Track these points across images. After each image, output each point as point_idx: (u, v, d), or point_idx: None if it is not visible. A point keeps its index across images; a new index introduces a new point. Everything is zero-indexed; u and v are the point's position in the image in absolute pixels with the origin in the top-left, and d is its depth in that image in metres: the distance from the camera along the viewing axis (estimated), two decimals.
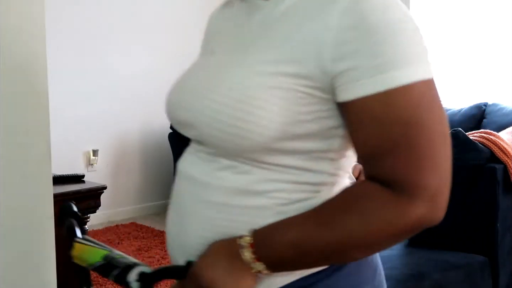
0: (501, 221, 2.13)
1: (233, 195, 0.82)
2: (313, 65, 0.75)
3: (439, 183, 0.81)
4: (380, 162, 0.76)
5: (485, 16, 3.80)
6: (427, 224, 0.82)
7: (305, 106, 0.77)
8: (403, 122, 0.73)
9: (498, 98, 3.62)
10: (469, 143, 2.14)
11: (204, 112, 0.81)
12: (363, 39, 0.73)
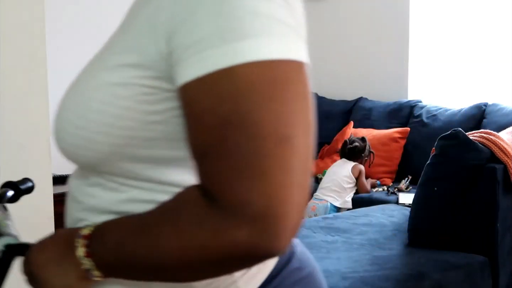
0: (501, 221, 2.13)
1: (90, 214, 0.72)
2: (154, 51, 0.61)
3: (270, 202, 0.55)
4: (200, 166, 0.59)
5: (485, 16, 3.80)
6: (259, 253, 0.57)
7: (153, 104, 0.63)
8: (222, 117, 0.56)
9: (498, 98, 3.62)
10: (469, 143, 2.14)
11: (56, 120, 0.73)
12: (189, 11, 0.58)
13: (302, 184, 0.57)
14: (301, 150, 0.57)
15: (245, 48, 0.55)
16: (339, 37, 4.50)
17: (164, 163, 0.66)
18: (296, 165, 0.56)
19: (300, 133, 0.57)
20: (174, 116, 0.63)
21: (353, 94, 4.30)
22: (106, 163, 0.68)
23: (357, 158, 3.44)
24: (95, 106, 0.64)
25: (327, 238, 2.25)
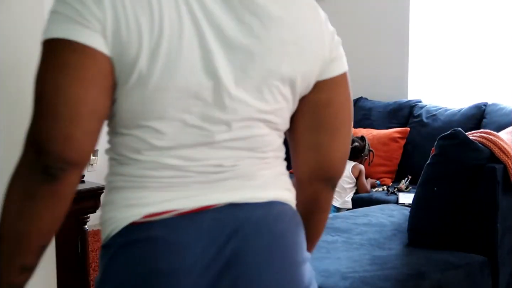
0: (501, 221, 2.13)
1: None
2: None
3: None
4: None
5: (485, 16, 3.80)
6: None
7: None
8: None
9: (498, 98, 3.62)
10: (469, 143, 2.14)
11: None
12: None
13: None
14: (43, 107, 0.80)
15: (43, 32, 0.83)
16: (339, 37, 4.50)
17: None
18: (38, 116, 0.80)
19: (46, 93, 0.80)
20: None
21: (353, 94, 4.27)
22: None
23: (356, 158, 3.45)
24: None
25: (327, 238, 2.25)
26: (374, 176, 3.58)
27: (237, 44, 0.86)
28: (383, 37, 4.23)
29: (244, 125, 0.90)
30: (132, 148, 0.88)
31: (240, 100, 0.88)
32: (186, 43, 0.82)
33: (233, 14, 0.85)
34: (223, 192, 0.90)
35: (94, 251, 3.60)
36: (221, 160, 0.90)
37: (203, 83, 0.85)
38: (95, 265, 3.35)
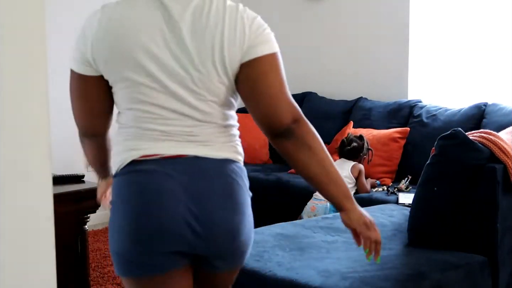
0: (501, 221, 2.13)
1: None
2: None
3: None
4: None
5: (485, 16, 3.80)
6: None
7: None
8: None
9: (498, 98, 3.61)
10: (469, 143, 2.14)
11: None
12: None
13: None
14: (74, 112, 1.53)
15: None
16: (339, 37, 4.50)
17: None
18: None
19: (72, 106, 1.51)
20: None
21: (353, 94, 4.30)
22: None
23: (356, 158, 3.44)
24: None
25: (327, 238, 2.25)
26: (374, 176, 3.58)
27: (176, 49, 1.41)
28: (383, 37, 4.23)
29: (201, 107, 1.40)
30: (133, 118, 1.43)
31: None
32: (145, 57, 1.40)
33: (173, 36, 1.39)
34: (192, 148, 1.40)
35: (94, 251, 3.60)
36: (191, 128, 1.40)
37: (164, 81, 1.41)
38: (95, 265, 3.35)
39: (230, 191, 1.42)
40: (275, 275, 1.89)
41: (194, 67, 1.36)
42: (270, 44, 1.47)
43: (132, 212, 1.38)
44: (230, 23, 1.40)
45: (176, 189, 1.35)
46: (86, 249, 2.58)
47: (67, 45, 4.37)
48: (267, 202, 3.78)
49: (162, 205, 1.35)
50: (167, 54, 1.36)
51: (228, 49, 1.37)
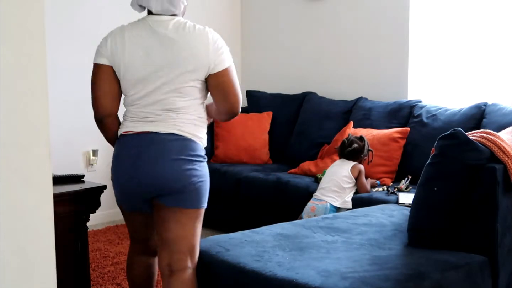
0: (501, 221, 2.13)
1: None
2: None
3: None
4: None
5: (485, 16, 3.80)
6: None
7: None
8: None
9: (498, 98, 3.61)
10: (469, 143, 2.14)
11: None
12: None
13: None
14: (91, 92, 2.25)
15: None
16: (339, 37, 4.50)
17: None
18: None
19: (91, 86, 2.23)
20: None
21: (353, 94, 4.30)
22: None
23: (356, 158, 3.44)
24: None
25: (327, 238, 2.25)
26: (374, 176, 3.58)
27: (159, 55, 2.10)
28: (383, 37, 4.23)
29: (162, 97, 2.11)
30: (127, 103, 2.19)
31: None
32: (136, 59, 2.09)
33: (157, 41, 2.09)
34: (151, 127, 2.10)
35: (94, 251, 3.61)
36: (154, 111, 2.10)
37: (145, 76, 2.10)
38: (95, 265, 3.35)
39: (168, 152, 2.07)
40: (275, 275, 1.89)
41: (165, 70, 2.08)
42: (229, 58, 2.13)
43: (115, 167, 2.26)
44: (201, 39, 2.08)
45: (132, 153, 2.13)
46: (86, 249, 2.58)
47: (67, 45, 4.38)
48: (267, 202, 3.78)
49: (134, 163, 2.12)
50: (154, 60, 2.09)
51: (201, 59, 2.07)
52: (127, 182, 2.14)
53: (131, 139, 2.12)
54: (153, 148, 2.07)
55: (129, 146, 2.12)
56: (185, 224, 2.11)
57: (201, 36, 2.07)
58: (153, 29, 2.09)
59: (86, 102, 4.30)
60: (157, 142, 2.08)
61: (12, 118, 1.15)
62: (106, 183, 2.89)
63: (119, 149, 2.18)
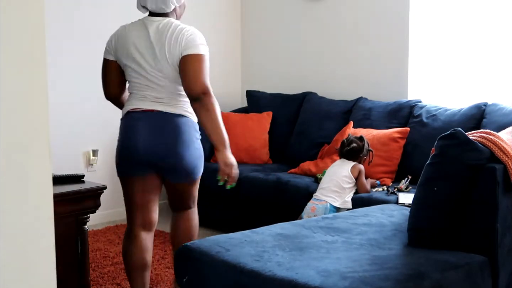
0: (501, 221, 2.13)
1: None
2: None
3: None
4: None
5: (485, 16, 3.80)
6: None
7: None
8: None
9: (498, 98, 3.61)
10: (469, 143, 2.14)
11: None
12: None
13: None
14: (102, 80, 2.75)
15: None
16: (339, 37, 4.50)
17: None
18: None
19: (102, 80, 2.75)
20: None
21: (352, 94, 4.30)
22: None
23: (356, 158, 3.44)
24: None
25: (327, 238, 2.25)
26: (374, 176, 3.58)
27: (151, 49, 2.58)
28: (383, 37, 4.23)
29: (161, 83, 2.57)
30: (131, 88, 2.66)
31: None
32: (135, 54, 2.57)
33: (148, 40, 2.56)
34: (156, 106, 2.55)
35: (94, 251, 3.61)
36: (156, 94, 2.57)
37: (143, 67, 2.57)
38: (95, 265, 3.35)
39: (177, 130, 2.54)
40: (275, 275, 1.89)
41: (156, 59, 2.54)
42: (196, 49, 2.52)
43: (121, 141, 2.62)
44: (178, 35, 2.53)
45: (142, 129, 2.55)
46: (86, 249, 2.58)
47: (67, 45, 4.38)
48: (267, 202, 3.78)
49: (132, 137, 2.56)
50: (144, 52, 2.56)
51: (173, 50, 2.52)
52: (134, 153, 2.56)
53: (138, 115, 2.57)
54: (159, 128, 2.56)
55: (136, 119, 2.57)
56: (189, 189, 2.72)
57: (177, 35, 2.51)
58: (147, 29, 2.58)
59: (86, 102, 4.32)
60: (158, 117, 2.56)
61: (12, 118, 1.15)
62: (106, 183, 2.89)
63: (127, 122, 2.60)
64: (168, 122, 2.54)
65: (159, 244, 3.78)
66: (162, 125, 2.54)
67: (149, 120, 2.54)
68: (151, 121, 2.54)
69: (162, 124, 2.54)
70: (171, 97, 2.56)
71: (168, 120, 2.54)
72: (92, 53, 4.27)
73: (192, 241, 2.42)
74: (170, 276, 3.17)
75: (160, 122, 2.54)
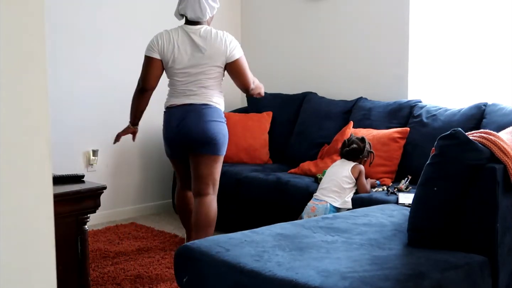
0: (501, 221, 2.13)
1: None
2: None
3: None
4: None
5: (485, 16, 3.80)
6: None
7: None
8: None
9: (498, 98, 3.61)
10: (469, 143, 2.14)
11: None
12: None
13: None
14: (142, 72, 3.29)
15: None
16: (339, 37, 4.50)
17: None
18: (141, 74, 3.30)
19: (142, 69, 3.28)
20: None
21: (352, 94, 4.30)
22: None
23: (356, 158, 3.45)
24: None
25: (327, 238, 2.25)
26: (374, 176, 3.58)
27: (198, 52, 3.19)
28: (383, 37, 4.23)
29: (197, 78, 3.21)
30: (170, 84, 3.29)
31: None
32: (183, 56, 3.16)
33: (194, 45, 3.17)
34: (190, 100, 3.18)
35: (94, 251, 3.61)
36: (192, 88, 3.18)
37: (187, 67, 3.18)
38: (95, 265, 3.35)
39: (208, 113, 3.16)
40: (275, 275, 1.89)
41: (198, 60, 3.15)
42: (239, 52, 3.19)
43: (165, 129, 3.27)
44: (220, 40, 3.15)
45: (177, 120, 3.18)
46: (86, 249, 2.58)
47: (67, 45, 4.38)
48: (267, 202, 3.78)
49: (169, 129, 3.22)
50: (188, 54, 3.15)
51: (218, 52, 3.14)
52: (174, 138, 3.20)
53: (176, 109, 3.19)
54: (192, 114, 3.15)
55: (175, 113, 3.18)
56: (211, 166, 3.21)
57: (220, 40, 3.13)
58: (190, 36, 3.15)
59: (86, 102, 4.32)
60: (195, 110, 3.15)
61: (12, 118, 1.15)
62: (106, 183, 2.90)
63: (168, 116, 3.23)
64: (196, 110, 3.15)
65: (159, 244, 3.78)
66: (191, 113, 3.15)
67: (182, 112, 3.17)
68: (191, 110, 3.16)
69: (191, 112, 3.15)
70: (201, 91, 3.16)
71: (196, 109, 3.15)
72: (92, 53, 4.27)
73: (211, 227, 3.21)
74: (170, 276, 3.17)
75: (198, 109, 3.16)
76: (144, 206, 4.66)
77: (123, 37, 4.39)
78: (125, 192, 4.54)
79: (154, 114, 4.59)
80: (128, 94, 4.48)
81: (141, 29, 4.45)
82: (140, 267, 3.33)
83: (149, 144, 4.64)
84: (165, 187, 4.68)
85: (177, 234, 4.04)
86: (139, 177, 4.63)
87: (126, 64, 4.43)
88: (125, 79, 4.48)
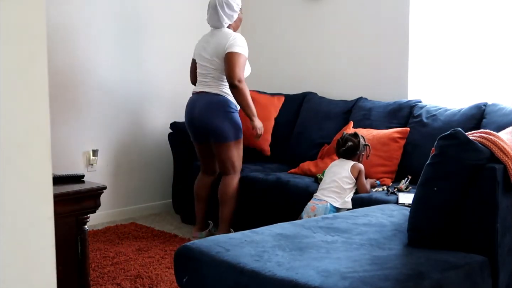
0: (501, 221, 2.13)
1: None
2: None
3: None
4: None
5: (485, 16, 3.80)
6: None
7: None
8: None
9: (498, 98, 3.61)
10: (468, 143, 2.14)
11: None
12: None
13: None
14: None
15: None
16: (339, 37, 4.50)
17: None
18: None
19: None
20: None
21: (352, 94, 4.30)
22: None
23: (354, 155, 3.45)
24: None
25: (327, 238, 2.25)
26: (374, 176, 3.58)
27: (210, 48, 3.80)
28: (383, 37, 4.23)
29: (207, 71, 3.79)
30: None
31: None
32: (202, 54, 3.80)
33: (210, 46, 3.79)
34: (204, 89, 3.76)
35: (94, 251, 3.61)
36: (208, 80, 3.76)
37: (204, 62, 3.80)
38: (95, 265, 3.35)
39: (213, 105, 3.67)
40: (275, 275, 1.89)
41: (212, 56, 3.70)
42: (235, 48, 3.60)
43: (185, 115, 3.81)
44: (225, 38, 3.66)
45: (197, 105, 3.71)
46: (86, 249, 2.58)
47: (67, 45, 4.38)
48: (267, 202, 3.78)
49: (191, 111, 3.75)
50: (207, 52, 3.73)
51: (221, 48, 3.65)
52: (191, 122, 3.76)
53: (194, 96, 3.78)
54: (199, 104, 3.71)
55: (193, 100, 3.77)
56: (225, 151, 3.71)
57: (227, 37, 3.64)
58: (211, 37, 3.75)
59: (86, 102, 4.32)
60: (202, 99, 3.71)
61: (12, 118, 1.15)
62: (106, 183, 2.90)
63: (189, 102, 3.80)
64: (209, 99, 3.68)
65: (159, 244, 3.78)
66: (206, 102, 3.68)
67: (200, 99, 3.71)
68: (201, 99, 3.70)
69: (206, 101, 3.68)
70: (215, 82, 3.69)
71: (209, 98, 3.68)
72: (90, 53, 4.27)
73: (231, 201, 3.76)
74: (170, 276, 3.17)
75: (206, 100, 3.69)
76: (144, 206, 4.66)
77: (123, 38, 4.39)
78: (125, 192, 4.54)
79: (154, 112, 4.60)
80: (128, 94, 4.50)
81: (140, 29, 4.45)
82: (140, 267, 3.33)
83: (149, 144, 4.65)
84: (165, 187, 4.68)
85: (177, 234, 4.04)
86: (139, 177, 4.63)
87: (127, 64, 4.43)
88: (126, 79, 4.48)
